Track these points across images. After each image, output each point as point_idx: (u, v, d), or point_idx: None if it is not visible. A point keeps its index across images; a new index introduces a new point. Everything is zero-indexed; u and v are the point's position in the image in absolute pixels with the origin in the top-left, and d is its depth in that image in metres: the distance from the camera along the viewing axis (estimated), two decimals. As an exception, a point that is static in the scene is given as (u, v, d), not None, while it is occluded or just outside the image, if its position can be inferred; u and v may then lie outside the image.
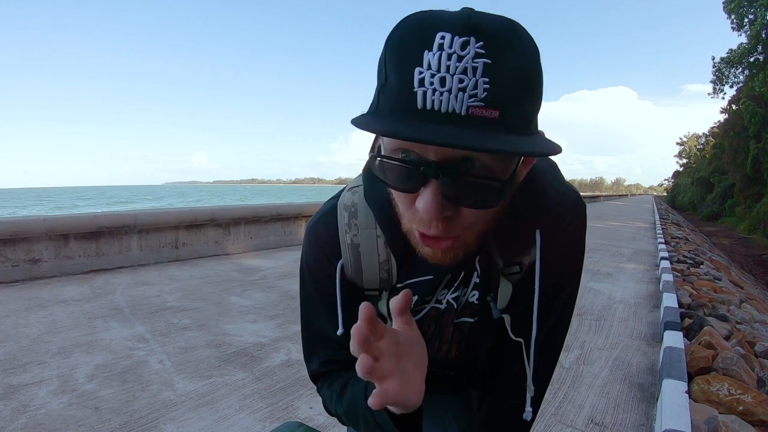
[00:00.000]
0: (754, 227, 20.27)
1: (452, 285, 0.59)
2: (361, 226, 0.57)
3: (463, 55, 0.36)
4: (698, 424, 1.79)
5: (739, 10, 18.26)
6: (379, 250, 0.57)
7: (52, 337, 2.72)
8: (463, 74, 0.36)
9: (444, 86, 0.36)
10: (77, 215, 4.92)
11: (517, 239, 0.53)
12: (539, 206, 0.53)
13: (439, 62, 0.36)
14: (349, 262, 0.58)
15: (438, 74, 0.36)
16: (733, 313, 3.92)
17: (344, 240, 0.58)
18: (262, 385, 2.21)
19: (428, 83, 0.36)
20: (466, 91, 0.36)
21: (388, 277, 0.58)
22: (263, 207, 6.63)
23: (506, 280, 0.56)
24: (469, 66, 0.36)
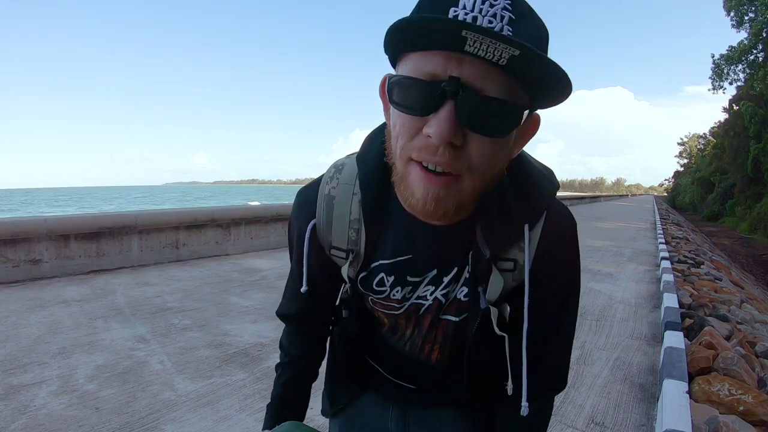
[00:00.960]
0: (755, 227, 20.26)
1: (441, 281, 0.58)
2: (341, 181, 0.58)
3: (495, 3, 0.40)
4: (699, 425, 1.79)
5: (738, 7, 18.24)
6: (352, 206, 0.57)
7: (53, 338, 2.72)
8: (493, 17, 0.39)
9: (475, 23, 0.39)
10: (78, 215, 4.92)
11: (504, 232, 0.54)
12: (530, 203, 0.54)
13: (474, 4, 0.40)
14: (321, 213, 0.59)
15: (471, 14, 0.39)
16: (734, 314, 3.91)
17: (322, 191, 0.60)
18: (263, 385, 2.21)
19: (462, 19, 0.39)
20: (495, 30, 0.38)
21: (357, 238, 0.58)
22: (263, 207, 6.63)
23: (499, 275, 0.55)
24: (498, 12, 0.40)
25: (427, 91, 0.42)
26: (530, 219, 0.54)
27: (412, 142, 0.45)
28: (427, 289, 0.59)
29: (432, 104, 0.42)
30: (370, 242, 0.58)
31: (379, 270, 0.58)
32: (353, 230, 0.58)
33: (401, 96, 0.44)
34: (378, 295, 0.60)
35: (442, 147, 0.42)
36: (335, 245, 0.60)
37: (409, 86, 0.43)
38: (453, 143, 0.42)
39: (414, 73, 0.43)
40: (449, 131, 0.41)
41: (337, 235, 0.59)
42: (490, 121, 0.42)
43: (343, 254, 0.59)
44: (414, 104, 0.43)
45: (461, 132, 0.42)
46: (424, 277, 0.58)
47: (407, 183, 0.47)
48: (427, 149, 0.43)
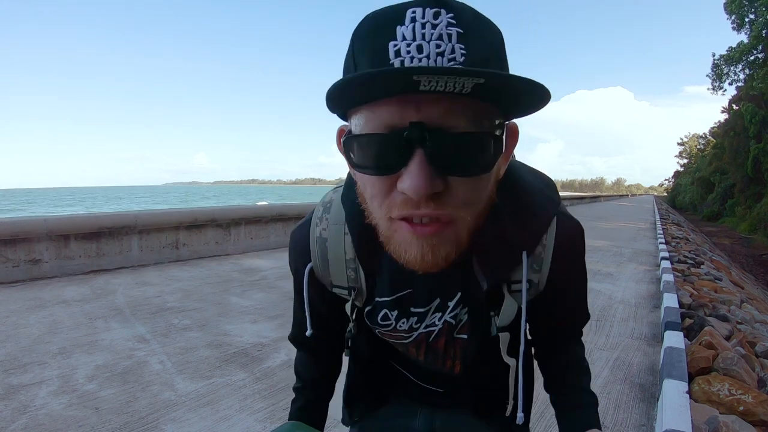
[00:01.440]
0: (755, 227, 20.26)
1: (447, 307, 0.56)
2: (331, 221, 0.57)
3: (437, 23, 0.35)
4: (699, 425, 1.79)
5: (739, 10, 18.25)
6: (345, 247, 0.56)
7: (53, 338, 2.72)
8: (439, 40, 0.35)
9: (422, 53, 0.35)
10: (78, 215, 4.93)
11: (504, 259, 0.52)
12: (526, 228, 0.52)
13: (413, 32, 0.35)
14: (316, 256, 0.58)
15: (414, 42, 0.35)
16: (734, 313, 3.91)
17: (314, 233, 0.58)
18: (263, 385, 2.21)
19: (405, 52, 0.35)
20: (444, 55, 0.35)
21: (356, 276, 0.57)
22: (264, 207, 6.63)
23: (512, 299, 0.53)
24: (444, 33, 0.35)
25: (390, 146, 0.37)
26: (529, 245, 0.52)
27: (388, 200, 0.40)
28: (434, 316, 0.57)
29: (399, 159, 0.37)
30: (369, 279, 0.57)
31: (382, 306, 0.58)
32: (351, 269, 0.56)
33: (363, 157, 0.39)
34: (384, 328, 0.60)
35: (424, 200, 0.38)
36: (336, 284, 0.59)
37: (368, 145, 0.38)
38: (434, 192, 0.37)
39: (369, 128, 0.38)
40: (426, 184, 0.36)
41: (335, 275, 0.58)
42: (470, 160, 0.37)
43: (345, 292, 0.59)
44: (379, 163, 0.38)
45: (440, 178, 0.37)
46: (428, 307, 0.57)
47: (397, 242, 0.43)
48: (408, 205, 0.39)
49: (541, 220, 0.53)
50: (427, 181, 0.36)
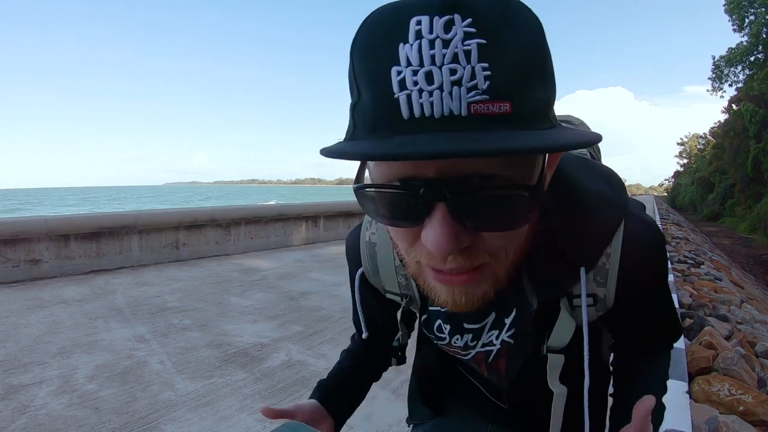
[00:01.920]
0: (755, 227, 20.26)
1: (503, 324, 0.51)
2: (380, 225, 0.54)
3: (449, 39, 0.28)
4: (699, 424, 1.79)
5: (739, 11, 18.25)
6: (395, 252, 0.52)
7: (53, 338, 2.72)
8: (454, 63, 0.27)
9: (432, 83, 0.28)
10: (78, 215, 4.93)
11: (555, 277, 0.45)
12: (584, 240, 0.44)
13: (419, 54, 0.28)
14: (366, 261, 0.57)
15: (422, 69, 0.28)
16: (734, 313, 3.91)
17: (363, 237, 0.57)
18: (263, 385, 2.21)
19: (411, 83, 0.28)
20: (462, 84, 0.27)
21: (407, 283, 0.54)
22: (264, 207, 6.63)
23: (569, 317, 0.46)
24: (459, 51, 0.27)
25: (406, 204, 0.32)
26: (587, 259, 0.45)
27: (413, 248, 0.36)
28: (491, 334, 0.53)
29: (418, 215, 0.33)
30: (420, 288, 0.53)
31: (437, 317, 0.55)
32: (401, 276, 0.53)
33: (377, 211, 0.35)
34: (440, 341, 0.57)
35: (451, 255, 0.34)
36: (388, 289, 0.57)
37: (382, 199, 0.34)
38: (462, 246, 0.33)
39: (382, 178, 0.34)
40: (449, 243, 0.32)
41: (387, 281, 0.56)
42: (499, 215, 0.32)
43: (398, 298, 0.56)
44: (396, 218, 0.34)
45: (467, 232, 0.33)
46: (483, 323, 0.53)
47: (425, 284, 0.39)
48: (434, 258, 0.35)
49: (600, 229, 0.45)
50: (450, 240, 0.32)
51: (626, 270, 0.45)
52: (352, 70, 0.33)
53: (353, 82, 0.32)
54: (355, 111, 0.32)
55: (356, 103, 0.32)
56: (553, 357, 0.48)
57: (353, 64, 0.32)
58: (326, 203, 7.69)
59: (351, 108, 0.33)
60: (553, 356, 0.48)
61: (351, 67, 0.33)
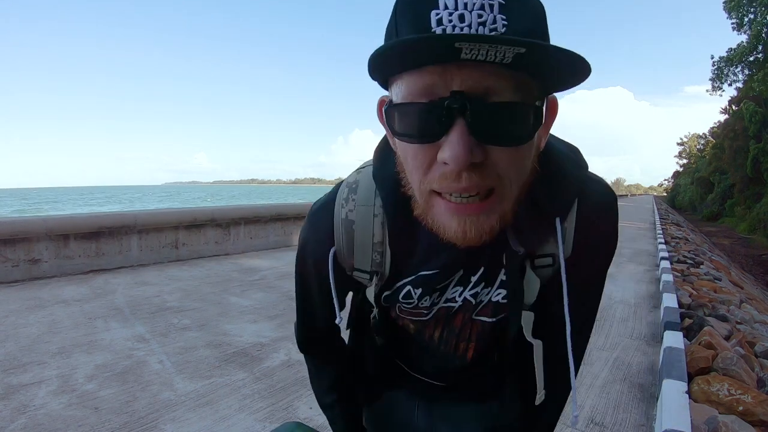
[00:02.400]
0: (754, 227, 20.28)
1: (469, 281, 0.55)
2: (359, 202, 0.54)
3: None
4: (698, 425, 1.79)
5: (738, 9, 18.25)
6: (374, 229, 0.53)
7: (52, 337, 2.72)
8: (481, 10, 0.35)
9: (463, 21, 0.35)
10: (77, 215, 4.92)
11: (535, 228, 0.50)
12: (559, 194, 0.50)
13: (455, 1, 0.35)
14: (341, 239, 0.56)
15: (456, 12, 0.35)
16: (733, 314, 3.92)
17: (338, 214, 0.55)
18: (262, 385, 2.21)
19: (447, 21, 0.35)
20: (486, 25, 0.35)
21: (381, 260, 0.55)
22: (263, 207, 6.63)
23: (534, 275, 0.52)
24: (486, 2, 0.35)
25: (430, 115, 0.37)
26: (561, 211, 0.50)
27: (429, 173, 0.40)
28: (455, 290, 0.56)
29: (440, 128, 0.37)
30: (395, 263, 0.55)
31: (405, 285, 0.56)
32: (377, 253, 0.54)
33: (403, 125, 0.40)
34: (406, 305, 0.58)
35: (464, 171, 0.38)
36: (357, 267, 0.56)
37: (408, 113, 0.39)
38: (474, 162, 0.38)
39: (410, 96, 0.39)
40: (466, 153, 0.36)
41: (359, 259, 0.56)
42: (509, 130, 0.38)
43: (366, 275, 0.56)
44: (420, 132, 0.39)
45: (480, 148, 0.37)
46: (450, 279, 0.55)
47: (436, 218, 0.43)
48: (448, 177, 0.39)
49: (571, 185, 0.51)
50: (466, 149, 0.36)
51: (581, 227, 0.52)
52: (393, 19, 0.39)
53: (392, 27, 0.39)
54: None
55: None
56: (525, 313, 0.53)
57: (395, 14, 0.39)
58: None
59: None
60: (525, 313, 0.53)
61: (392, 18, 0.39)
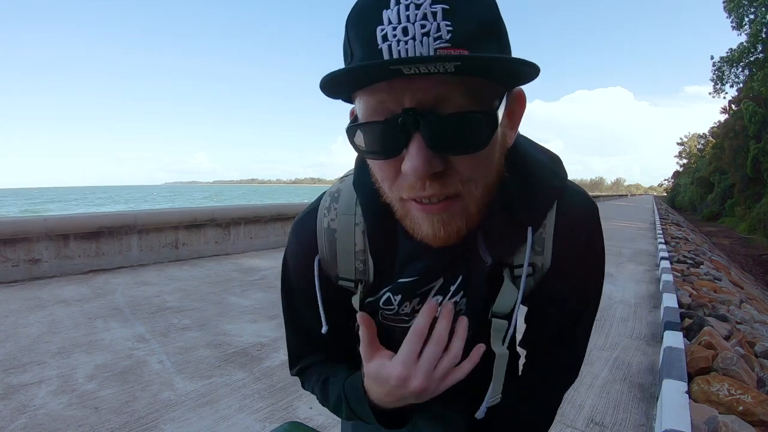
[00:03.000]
0: (754, 227, 20.28)
1: (448, 290, 0.55)
2: (340, 212, 0.55)
3: (420, 3, 0.36)
4: (698, 424, 1.79)
5: (738, 9, 18.24)
6: (356, 238, 0.54)
7: (52, 337, 2.72)
8: (424, 20, 0.36)
9: (407, 35, 0.36)
10: (77, 215, 4.93)
11: (508, 237, 0.50)
12: (533, 203, 0.50)
13: (398, 15, 0.36)
14: (324, 248, 0.56)
15: (399, 25, 0.36)
16: (733, 313, 3.92)
17: (321, 224, 0.56)
18: (262, 385, 2.21)
19: (391, 36, 0.36)
20: (430, 34, 0.36)
21: (364, 268, 0.55)
22: (263, 207, 6.63)
23: (512, 284, 0.52)
24: (428, 11, 0.36)
25: (387, 133, 0.39)
26: (534, 220, 0.51)
27: (396, 182, 0.42)
28: (435, 299, 0.56)
29: (398, 144, 0.39)
30: (378, 271, 0.55)
31: (387, 292, 0.56)
32: (359, 261, 0.55)
33: (364, 144, 0.41)
34: (387, 312, 0.58)
35: (427, 180, 0.40)
36: (342, 276, 0.57)
37: (367, 132, 0.40)
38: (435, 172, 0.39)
39: (367, 114, 0.40)
40: (424, 165, 0.38)
41: (343, 268, 0.56)
42: (465, 138, 0.38)
43: (351, 284, 0.57)
44: (380, 149, 0.41)
45: (439, 158, 0.39)
46: (431, 287, 0.56)
47: (410, 220, 0.45)
48: (413, 187, 0.41)
49: (546, 194, 0.51)
50: (425, 162, 0.38)
51: (560, 236, 0.52)
52: (346, 39, 0.40)
53: (347, 47, 0.40)
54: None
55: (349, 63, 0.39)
56: (497, 322, 0.53)
57: (347, 33, 0.40)
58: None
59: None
60: (498, 321, 0.53)
61: (345, 36, 0.40)
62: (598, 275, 0.57)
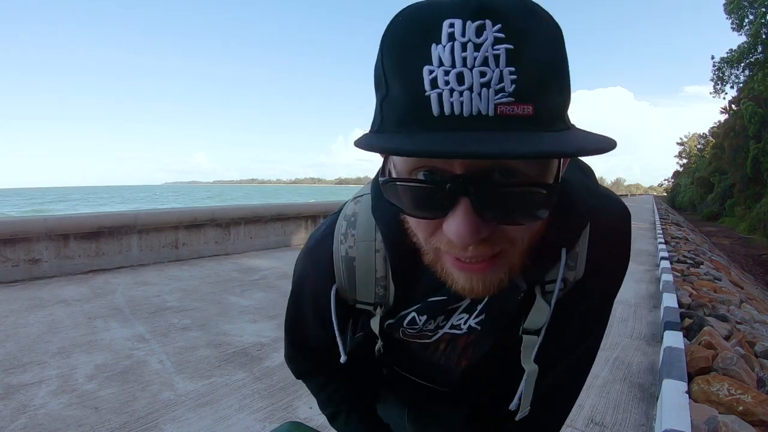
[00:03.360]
0: (754, 227, 20.27)
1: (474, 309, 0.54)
2: (359, 238, 0.52)
3: (480, 43, 0.29)
4: (698, 424, 1.79)
5: (738, 11, 18.23)
6: (377, 265, 0.52)
7: (52, 337, 2.72)
8: (484, 66, 0.29)
9: (463, 84, 0.29)
10: (77, 215, 4.93)
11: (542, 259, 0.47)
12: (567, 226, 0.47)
13: (452, 55, 0.30)
14: (342, 276, 0.54)
15: (453, 70, 0.29)
16: (733, 313, 3.92)
17: (338, 252, 0.53)
18: (262, 385, 2.21)
19: (442, 83, 0.30)
20: (491, 86, 0.29)
21: (385, 293, 0.53)
22: (263, 207, 6.63)
23: (544, 301, 0.50)
24: (489, 55, 0.29)
25: (431, 197, 0.34)
26: (569, 242, 0.48)
27: (434, 236, 0.38)
28: (461, 317, 0.55)
29: (442, 208, 0.34)
30: (400, 294, 0.53)
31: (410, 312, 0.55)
32: (380, 287, 0.53)
33: (402, 202, 0.37)
34: (410, 330, 0.57)
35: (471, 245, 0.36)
36: (360, 300, 0.55)
37: (408, 192, 0.36)
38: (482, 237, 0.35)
39: (408, 169, 0.35)
40: (471, 234, 0.34)
41: (362, 294, 0.54)
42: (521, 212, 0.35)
43: (370, 307, 0.55)
44: (421, 209, 0.36)
45: (488, 225, 0.34)
46: (458, 305, 0.54)
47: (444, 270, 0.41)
48: (455, 247, 0.37)
49: (580, 214, 0.48)
50: (473, 230, 0.34)
51: (594, 250, 0.50)
52: (380, 65, 0.34)
53: (381, 76, 0.34)
54: (384, 105, 0.34)
55: (384, 97, 0.34)
56: (527, 338, 0.51)
57: (382, 59, 0.34)
58: (325, 203, 7.70)
59: (379, 101, 0.35)
60: (528, 338, 0.51)
61: (380, 61, 0.34)
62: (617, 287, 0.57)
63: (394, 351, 0.64)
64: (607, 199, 0.52)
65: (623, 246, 0.54)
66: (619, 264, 0.55)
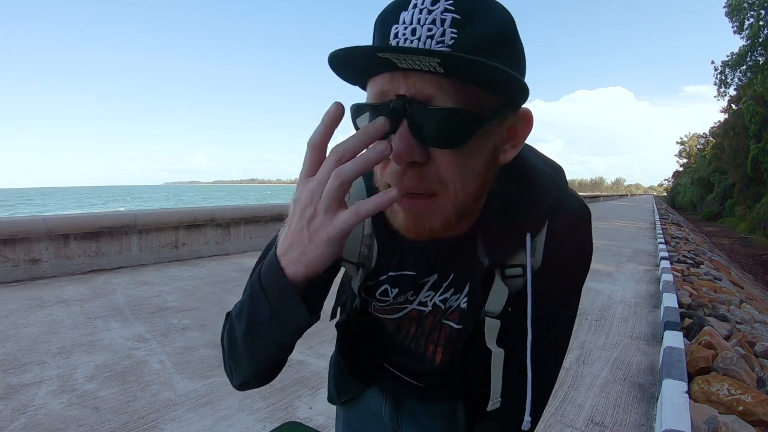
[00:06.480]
0: (754, 227, 20.27)
1: (440, 287, 0.58)
2: (353, 195, 0.57)
3: (433, 9, 0.38)
4: (698, 424, 1.79)
5: (739, 13, 18.21)
6: (364, 222, 0.56)
7: (52, 337, 2.72)
8: (432, 24, 0.38)
9: (414, 35, 0.39)
10: (77, 215, 4.93)
11: (507, 242, 0.52)
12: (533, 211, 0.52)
13: (412, 17, 0.39)
14: None
15: (410, 26, 0.39)
16: (733, 313, 3.92)
17: None
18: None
19: (401, 35, 0.39)
20: (434, 38, 0.38)
21: (368, 253, 0.57)
22: (263, 207, 6.63)
23: (503, 284, 0.54)
24: (437, 18, 0.38)
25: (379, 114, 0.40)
26: (533, 227, 0.52)
27: (384, 170, 0.44)
28: (428, 294, 0.59)
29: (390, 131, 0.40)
30: (381, 256, 0.57)
31: (385, 282, 0.58)
32: (365, 246, 0.57)
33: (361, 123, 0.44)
34: (381, 303, 0.60)
35: (408, 169, 0.41)
36: (345, 258, 0.58)
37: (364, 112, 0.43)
38: (417, 162, 0.41)
39: (369, 98, 0.43)
40: (405, 148, 0.40)
41: (348, 250, 0.57)
42: (443, 132, 0.40)
43: (353, 267, 0.59)
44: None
45: (422, 150, 0.41)
46: (425, 281, 0.58)
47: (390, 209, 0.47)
48: (395, 174, 0.42)
49: (546, 202, 0.53)
50: (406, 146, 0.40)
51: (552, 238, 0.53)
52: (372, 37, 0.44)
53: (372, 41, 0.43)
54: None
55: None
56: (490, 321, 0.55)
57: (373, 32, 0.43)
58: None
59: None
60: (491, 320, 0.55)
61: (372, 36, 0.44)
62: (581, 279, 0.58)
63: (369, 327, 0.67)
64: (572, 197, 0.55)
65: (582, 244, 0.56)
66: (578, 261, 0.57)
